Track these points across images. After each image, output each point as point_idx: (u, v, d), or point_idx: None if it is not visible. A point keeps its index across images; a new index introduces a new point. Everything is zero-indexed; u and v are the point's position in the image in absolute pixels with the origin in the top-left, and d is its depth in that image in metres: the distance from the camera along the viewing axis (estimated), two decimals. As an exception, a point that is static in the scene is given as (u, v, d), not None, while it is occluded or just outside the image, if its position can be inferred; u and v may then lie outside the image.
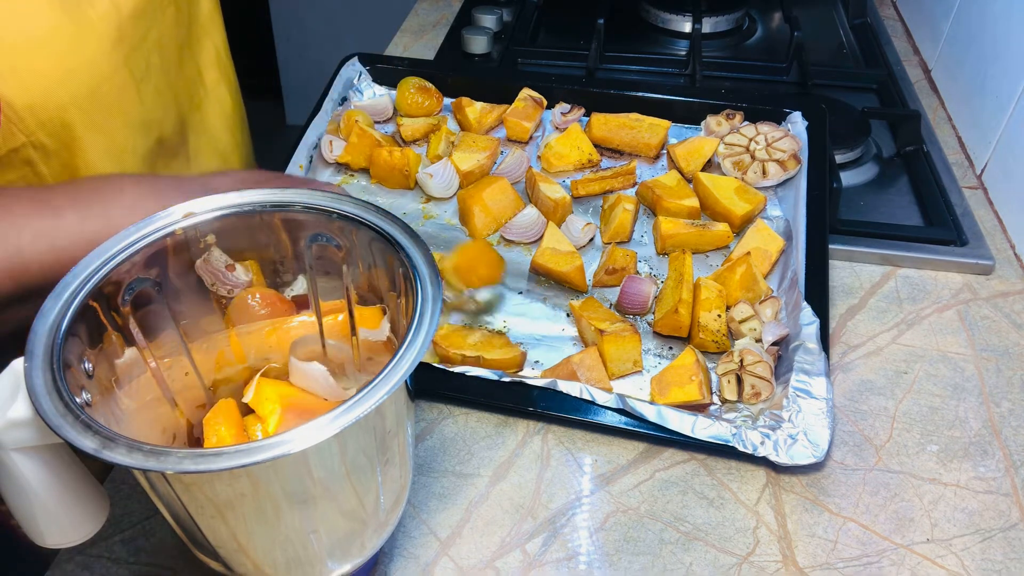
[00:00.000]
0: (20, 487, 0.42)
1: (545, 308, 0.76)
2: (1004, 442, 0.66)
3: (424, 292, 0.45)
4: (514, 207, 0.84)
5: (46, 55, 0.60)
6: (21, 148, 0.61)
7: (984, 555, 0.58)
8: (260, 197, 0.51)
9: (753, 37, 1.26)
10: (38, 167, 0.64)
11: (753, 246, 0.77)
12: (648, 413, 0.64)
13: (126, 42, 0.67)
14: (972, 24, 1.03)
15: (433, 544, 0.59)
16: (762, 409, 0.65)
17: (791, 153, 0.85)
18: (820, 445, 0.61)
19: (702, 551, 0.58)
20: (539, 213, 0.83)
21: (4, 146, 0.60)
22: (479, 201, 0.82)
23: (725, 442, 0.62)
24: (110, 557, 0.58)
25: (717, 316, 0.70)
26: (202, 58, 0.83)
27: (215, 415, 0.50)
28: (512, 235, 0.82)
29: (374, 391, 0.39)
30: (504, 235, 0.82)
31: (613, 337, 0.67)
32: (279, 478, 0.40)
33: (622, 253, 0.77)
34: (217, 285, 0.52)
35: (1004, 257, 0.84)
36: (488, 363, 0.68)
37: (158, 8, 0.72)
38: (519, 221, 0.82)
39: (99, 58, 0.64)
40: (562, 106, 0.95)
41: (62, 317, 0.43)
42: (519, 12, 1.25)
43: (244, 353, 0.55)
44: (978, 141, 0.96)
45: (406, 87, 0.96)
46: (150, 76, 0.72)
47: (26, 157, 0.62)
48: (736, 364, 0.67)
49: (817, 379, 0.65)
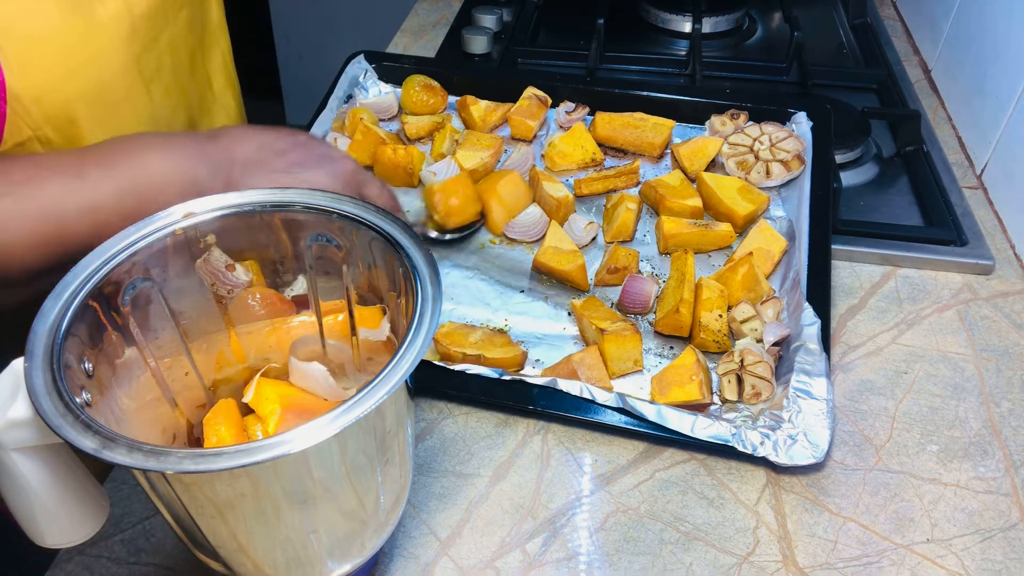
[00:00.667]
0: (20, 487, 0.42)
1: (547, 307, 0.76)
2: (1004, 442, 0.66)
3: (424, 292, 0.45)
4: (526, 200, 0.84)
5: (54, 50, 0.60)
6: (27, 142, 0.62)
7: (984, 555, 0.58)
8: (260, 197, 0.51)
9: (753, 37, 1.27)
10: None
11: (756, 246, 0.77)
12: (648, 412, 0.64)
13: (138, 42, 0.68)
14: (972, 24, 1.03)
15: (433, 544, 0.59)
16: (762, 409, 0.65)
17: (795, 153, 0.85)
18: (820, 446, 0.61)
19: (702, 551, 0.58)
20: (542, 212, 0.82)
21: (10, 140, 0.60)
22: (495, 195, 0.82)
23: (725, 442, 0.62)
24: (110, 557, 0.58)
25: (718, 316, 0.70)
26: (211, 64, 0.84)
27: (215, 415, 0.50)
28: (515, 233, 0.82)
29: (374, 391, 0.39)
30: (507, 233, 0.82)
31: (614, 336, 0.67)
32: (279, 478, 0.40)
33: (624, 252, 0.77)
34: (217, 285, 0.52)
35: (1004, 257, 0.84)
36: (489, 362, 0.68)
37: (171, 11, 0.72)
38: (522, 220, 0.82)
39: (108, 55, 0.65)
40: (566, 105, 0.95)
41: (62, 317, 0.43)
42: (519, 12, 1.25)
43: (244, 353, 0.55)
44: (978, 141, 0.96)
45: (411, 85, 0.96)
46: (161, 77, 0.72)
47: (31, 151, 0.63)
48: (737, 364, 0.67)
49: (818, 380, 0.65)
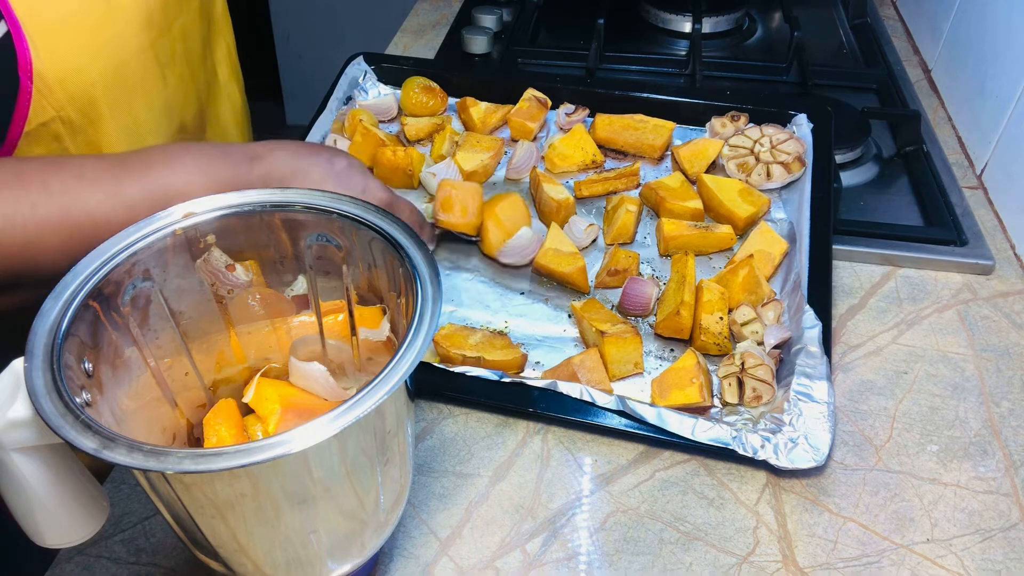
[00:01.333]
0: (20, 487, 0.42)
1: (547, 309, 0.76)
2: (1004, 442, 0.66)
3: (424, 292, 0.45)
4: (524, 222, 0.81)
5: (77, 31, 0.61)
6: (50, 122, 0.62)
7: (984, 555, 0.58)
8: (260, 197, 0.51)
9: (753, 37, 1.26)
10: (64, 142, 0.65)
11: (756, 249, 0.77)
12: (648, 415, 0.64)
13: (154, 27, 0.69)
14: (972, 24, 1.03)
15: (433, 544, 0.59)
16: (763, 412, 0.65)
17: (796, 155, 0.84)
18: (821, 449, 0.61)
19: (702, 551, 0.58)
20: (532, 232, 0.80)
21: (35, 119, 0.61)
22: (493, 215, 0.80)
23: (725, 445, 0.62)
24: (110, 557, 0.58)
25: (719, 318, 0.70)
26: (217, 55, 0.85)
27: (215, 415, 0.50)
28: (507, 258, 0.79)
29: (374, 391, 0.39)
30: (499, 259, 0.79)
31: (614, 339, 0.67)
32: (279, 478, 0.40)
33: (624, 254, 0.77)
34: (217, 285, 0.52)
35: (1004, 257, 0.84)
36: (489, 364, 0.68)
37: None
38: (513, 244, 0.79)
39: (127, 38, 0.66)
40: (566, 107, 0.95)
41: (62, 317, 0.43)
42: (519, 12, 1.25)
43: (244, 353, 0.55)
44: (978, 141, 0.96)
45: (411, 87, 0.96)
46: (175, 63, 0.73)
47: (55, 132, 0.63)
48: (737, 367, 0.66)
49: (819, 383, 0.64)
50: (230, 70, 0.88)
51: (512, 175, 0.90)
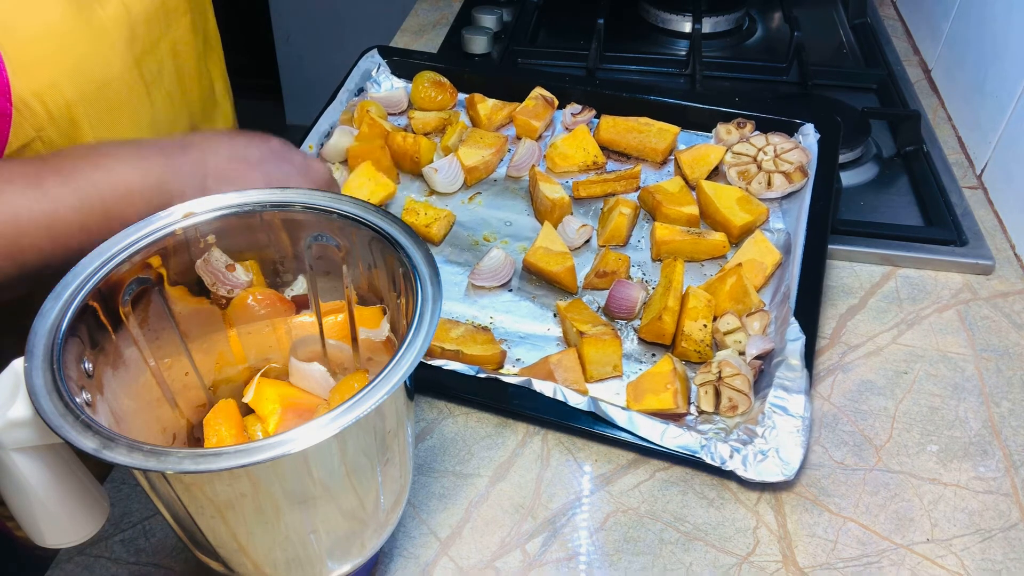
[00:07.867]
0: (20, 487, 0.42)
1: (533, 307, 0.76)
2: (1004, 442, 0.66)
3: (424, 292, 0.45)
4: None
5: (55, 49, 0.61)
6: (31, 143, 0.62)
7: (984, 555, 0.58)
8: (260, 197, 0.51)
9: (753, 37, 1.26)
10: None
11: (748, 258, 0.76)
12: (619, 418, 0.63)
13: (138, 44, 0.68)
14: (972, 24, 1.03)
15: (433, 544, 0.59)
16: (738, 423, 0.64)
17: (798, 166, 0.83)
18: (791, 463, 0.60)
19: (702, 551, 0.58)
20: (505, 255, 0.78)
21: (15, 141, 0.61)
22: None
23: (693, 453, 0.61)
24: (110, 557, 0.58)
25: (703, 326, 0.69)
26: (214, 71, 0.84)
27: (215, 415, 0.50)
28: (481, 280, 0.77)
29: (374, 391, 0.39)
30: (473, 282, 0.77)
31: (593, 340, 0.67)
32: (279, 478, 0.40)
33: (614, 257, 0.77)
34: (217, 285, 0.52)
35: (1004, 257, 0.84)
36: (467, 358, 0.68)
37: (173, 14, 0.72)
38: (487, 265, 0.77)
39: (109, 57, 0.65)
40: (573, 107, 0.95)
41: (62, 317, 0.43)
42: (519, 12, 1.25)
43: (244, 353, 0.55)
44: (978, 141, 0.96)
45: (421, 81, 0.97)
46: (162, 81, 0.72)
47: (36, 152, 0.63)
48: (714, 376, 0.66)
49: (796, 396, 0.64)
50: (223, 85, 0.87)
51: (512, 172, 0.90)
